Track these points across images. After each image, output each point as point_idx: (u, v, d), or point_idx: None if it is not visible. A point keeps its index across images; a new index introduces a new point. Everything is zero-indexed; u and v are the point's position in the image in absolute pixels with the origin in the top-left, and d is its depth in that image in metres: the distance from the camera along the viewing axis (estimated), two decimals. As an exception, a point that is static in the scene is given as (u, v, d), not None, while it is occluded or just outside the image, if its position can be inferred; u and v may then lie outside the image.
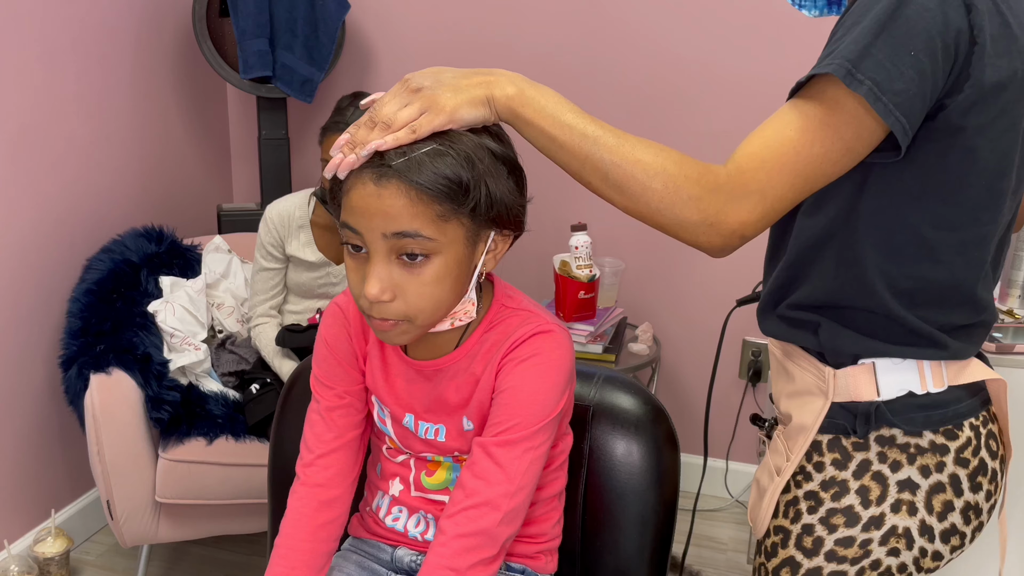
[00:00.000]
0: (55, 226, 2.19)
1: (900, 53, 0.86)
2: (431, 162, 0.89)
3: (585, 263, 2.24)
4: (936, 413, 1.02)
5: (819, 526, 1.05)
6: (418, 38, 2.63)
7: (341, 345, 1.11)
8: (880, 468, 1.03)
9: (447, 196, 0.90)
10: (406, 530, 1.16)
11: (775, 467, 1.11)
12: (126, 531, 1.98)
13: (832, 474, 1.05)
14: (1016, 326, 1.77)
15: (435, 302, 0.96)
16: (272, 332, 2.12)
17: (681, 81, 2.43)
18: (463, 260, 0.96)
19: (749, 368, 2.59)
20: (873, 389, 1.02)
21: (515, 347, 1.02)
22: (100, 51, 2.28)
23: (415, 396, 1.09)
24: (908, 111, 0.88)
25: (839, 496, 1.04)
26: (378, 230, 0.91)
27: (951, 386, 1.02)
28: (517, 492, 1.01)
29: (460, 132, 0.92)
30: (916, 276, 0.98)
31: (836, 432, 1.05)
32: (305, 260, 2.09)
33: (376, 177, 0.90)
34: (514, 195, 0.97)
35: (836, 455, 1.05)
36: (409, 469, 1.15)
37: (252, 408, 2.03)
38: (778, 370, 1.15)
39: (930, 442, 1.02)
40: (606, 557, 1.23)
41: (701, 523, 2.56)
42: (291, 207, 2.09)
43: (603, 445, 1.21)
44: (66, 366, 1.98)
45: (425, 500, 1.14)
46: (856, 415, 1.03)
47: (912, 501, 1.02)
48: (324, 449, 1.12)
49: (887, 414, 1.02)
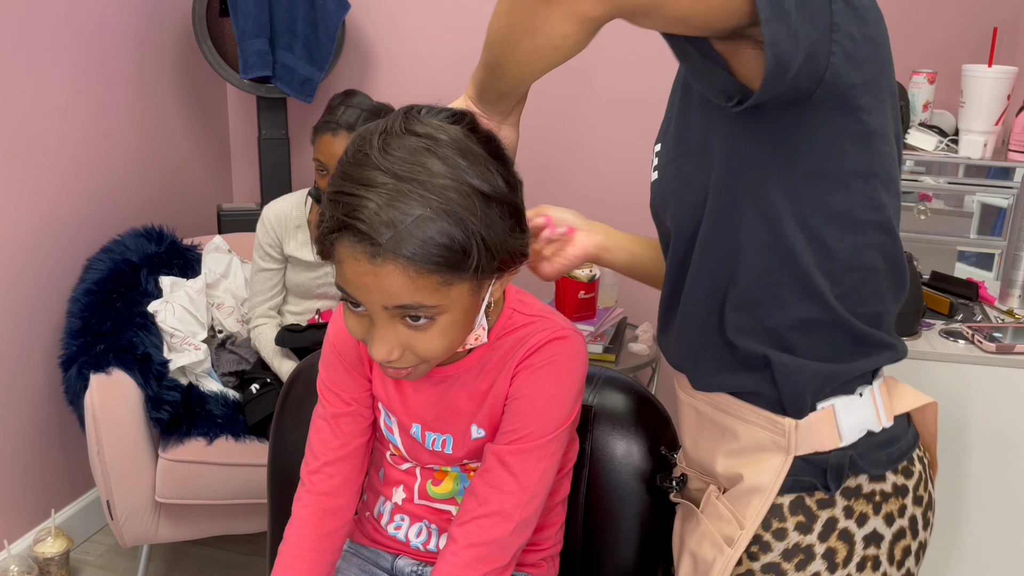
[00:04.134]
0: (55, 226, 2.19)
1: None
2: (421, 232, 0.82)
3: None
4: (894, 449, 0.96)
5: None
6: (418, 38, 2.63)
7: (348, 350, 1.09)
8: (847, 525, 0.95)
9: (446, 266, 0.84)
10: (407, 539, 1.15)
11: (723, 537, 0.97)
12: (126, 531, 1.98)
13: (796, 540, 0.94)
14: (1016, 326, 1.77)
15: (446, 348, 0.92)
16: (271, 332, 2.12)
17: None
18: (470, 308, 0.92)
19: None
20: (835, 435, 0.93)
21: (531, 354, 1.00)
22: (100, 51, 2.28)
23: (423, 404, 1.07)
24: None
25: (804, 564, 0.94)
26: (378, 303, 0.86)
27: (896, 415, 0.97)
28: (530, 501, 1.00)
29: (443, 179, 0.84)
30: (856, 267, 0.90)
31: (799, 490, 0.95)
32: (303, 260, 2.09)
33: (370, 256, 0.83)
34: (512, 235, 0.90)
35: (800, 518, 0.95)
36: (414, 477, 1.13)
37: (252, 408, 2.03)
38: (702, 427, 1.03)
39: (892, 485, 0.96)
40: (606, 558, 1.23)
41: (701, 523, 2.56)
42: (288, 207, 2.09)
43: (603, 446, 1.21)
44: (66, 366, 1.98)
45: (429, 509, 1.13)
46: (826, 469, 0.94)
47: (876, 555, 0.96)
48: (330, 456, 1.10)
49: (858, 462, 0.94)
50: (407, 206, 0.82)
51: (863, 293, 0.92)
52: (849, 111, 0.84)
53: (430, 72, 2.64)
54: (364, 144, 0.86)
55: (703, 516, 1.01)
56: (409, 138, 0.85)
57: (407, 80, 2.68)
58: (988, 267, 1.95)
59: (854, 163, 0.87)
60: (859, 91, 0.84)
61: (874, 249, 0.91)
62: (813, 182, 0.87)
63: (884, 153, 0.89)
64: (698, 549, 1.00)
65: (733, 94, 0.84)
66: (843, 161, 0.87)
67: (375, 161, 0.84)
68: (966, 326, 1.73)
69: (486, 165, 0.87)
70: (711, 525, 0.99)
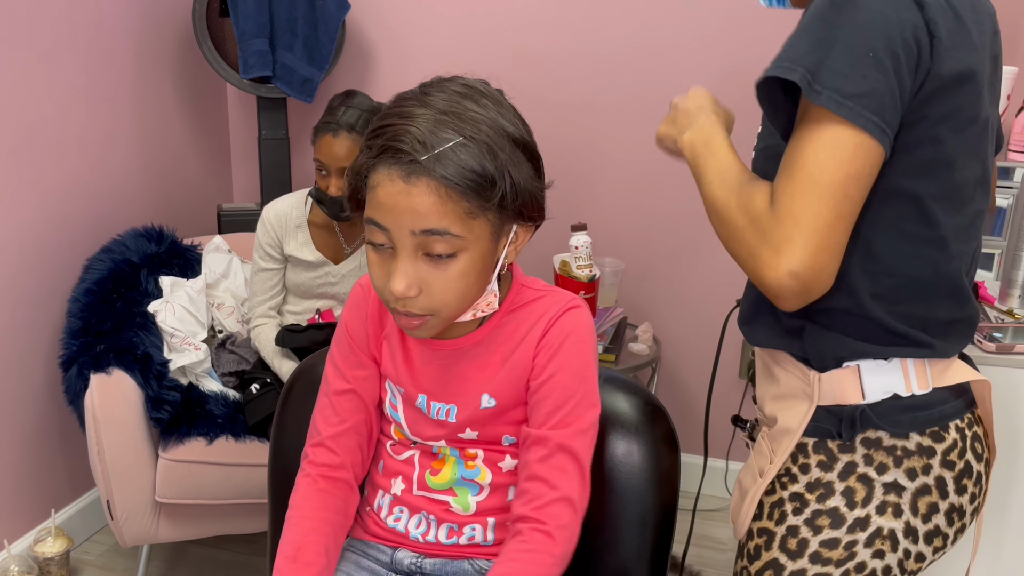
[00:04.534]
0: (55, 226, 2.19)
1: (860, 57, 0.88)
2: (457, 156, 0.89)
3: (585, 263, 2.24)
4: (922, 414, 1.02)
5: (804, 527, 1.05)
6: (418, 38, 2.63)
7: (356, 327, 1.13)
8: (866, 470, 1.02)
9: (475, 192, 0.91)
10: (407, 531, 1.16)
11: (759, 469, 1.11)
12: (126, 531, 1.98)
13: (818, 476, 1.04)
14: (1016, 326, 1.77)
15: (460, 296, 0.97)
16: (271, 333, 2.12)
17: (677, 77, 2.43)
18: (487, 255, 0.97)
19: (749, 368, 2.59)
20: (858, 392, 1.02)
21: (549, 328, 1.05)
22: (100, 51, 2.28)
23: (430, 376, 1.10)
24: (878, 108, 0.88)
25: (824, 498, 1.04)
26: (406, 227, 0.91)
27: (935, 388, 1.02)
28: (587, 484, 1.07)
29: (479, 117, 0.93)
30: (899, 273, 0.99)
31: (821, 435, 1.05)
32: (303, 260, 2.09)
33: (405, 174, 0.90)
34: (534, 181, 0.98)
35: (822, 457, 1.05)
36: (413, 467, 1.15)
37: (252, 408, 2.03)
38: (763, 373, 1.16)
39: (917, 444, 1.02)
40: (606, 557, 1.23)
41: (701, 523, 2.56)
42: (288, 207, 2.09)
43: (604, 445, 1.21)
44: (66, 366, 1.98)
45: (428, 500, 1.14)
46: (841, 419, 1.03)
47: (898, 503, 1.02)
48: (331, 432, 1.14)
49: (872, 417, 1.01)
50: (445, 133, 0.90)
51: (902, 296, 0.99)
52: (906, 148, 0.95)
53: (430, 72, 2.62)
54: (404, 95, 0.96)
55: (752, 452, 1.15)
56: (448, 86, 0.96)
57: (407, 80, 2.66)
58: (988, 267, 1.95)
59: (912, 184, 0.96)
60: (921, 127, 0.94)
61: (921, 260, 0.98)
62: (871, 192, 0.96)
63: (946, 177, 0.97)
64: (743, 478, 1.15)
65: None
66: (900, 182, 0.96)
67: (416, 100, 0.94)
68: (966, 326, 1.74)
69: (514, 116, 0.97)
70: (754, 459, 1.13)
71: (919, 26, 0.90)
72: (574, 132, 2.57)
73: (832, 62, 0.88)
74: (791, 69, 0.90)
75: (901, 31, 0.89)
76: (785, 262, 0.90)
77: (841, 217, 0.90)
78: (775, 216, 0.91)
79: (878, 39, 0.88)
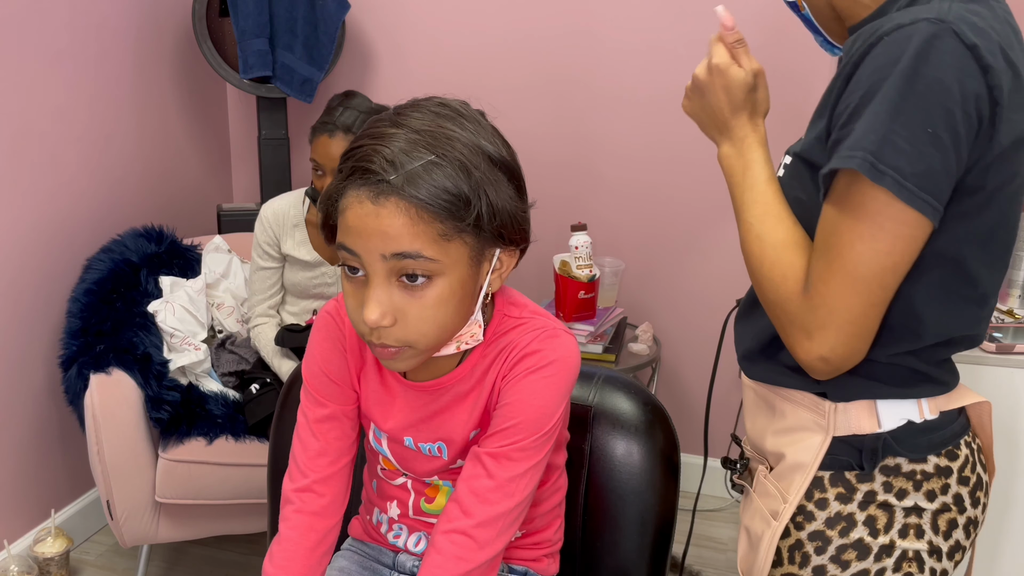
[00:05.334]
0: (55, 226, 2.19)
1: (918, 133, 0.84)
2: (428, 175, 0.85)
3: (585, 263, 2.24)
4: (937, 435, 1.00)
5: (831, 565, 1.01)
6: (418, 38, 2.63)
7: (334, 361, 1.06)
8: (886, 497, 1.00)
9: (448, 212, 0.85)
10: (407, 547, 1.15)
11: (769, 511, 1.05)
12: (126, 531, 1.98)
13: (837, 509, 1.01)
14: (1016, 326, 1.77)
15: (438, 326, 0.91)
16: (271, 332, 2.12)
17: (677, 78, 2.43)
18: (467, 281, 0.91)
19: (749, 368, 2.59)
20: (875, 421, 0.99)
21: (522, 359, 0.98)
22: (100, 51, 2.28)
23: (415, 418, 1.05)
24: (934, 189, 0.86)
25: (847, 531, 1.00)
26: (377, 251, 0.86)
27: (943, 411, 1.01)
28: (514, 509, 0.98)
29: (455, 136, 0.88)
30: (941, 333, 0.96)
31: (838, 468, 1.01)
32: (300, 259, 2.09)
33: (373, 195, 0.85)
34: (515, 202, 0.92)
35: (840, 489, 1.01)
36: (408, 493, 1.12)
37: (252, 408, 2.03)
38: (760, 406, 1.10)
39: (935, 466, 1.00)
40: (606, 557, 1.23)
41: (701, 523, 2.56)
42: (286, 206, 2.09)
43: (603, 446, 1.21)
44: (66, 366, 1.98)
45: (426, 524, 1.13)
46: (862, 450, 0.99)
47: (919, 524, 1.00)
48: (318, 475, 1.07)
49: (893, 444, 0.99)
50: (416, 152, 0.86)
51: (938, 348, 0.98)
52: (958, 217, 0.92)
53: (430, 72, 2.64)
54: (378, 118, 0.91)
55: (754, 494, 1.09)
56: (424, 105, 0.91)
57: (407, 80, 2.68)
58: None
59: (959, 250, 0.93)
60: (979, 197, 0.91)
61: (964, 319, 0.97)
62: None
63: (994, 239, 0.95)
64: (751, 524, 1.08)
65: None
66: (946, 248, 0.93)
67: (389, 121, 0.89)
68: (966, 326, 1.73)
69: (493, 135, 0.92)
70: (761, 502, 1.07)
71: (982, 96, 0.86)
72: (574, 132, 2.57)
73: (894, 137, 0.85)
74: (851, 157, 0.87)
75: (963, 102, 0.85)
76: (816, 347, 0.92)
77: (874, 306, 0.91)
78: (809, 302, 0.92)
79: (938, 112, 0.84)
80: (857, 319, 0.90)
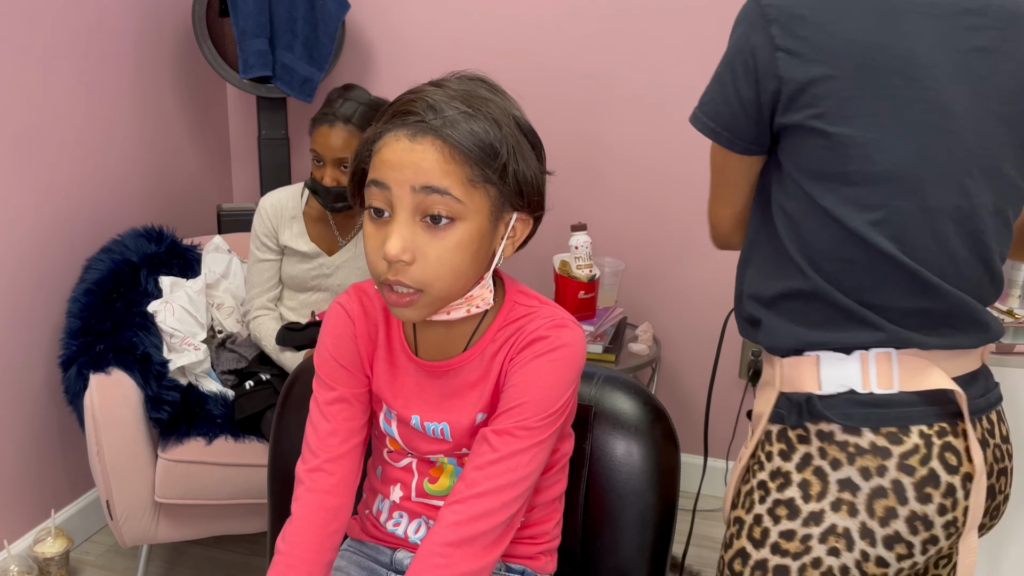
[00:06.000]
0: (55, 226, 2.19)
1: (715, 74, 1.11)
2: (464, 123, 0.92)
3: (585, 263, 2.24)
4: (876, 411, 1.01)
5: (766, 516, 1.07)
6: (418, 38, 2.63)
7: (344, 347, 1.10)
8: (821, 463, 1.03)
9: (478, 158, 0.92)
10: (407, 535, 1.15)
11: (740, 455, 1.16)
12: (126, 531, 1.98)
13: (778, 464, 1.07)
14: (1016, 326, 1.77)
15: (454, 271, 0.95)
16: (271, 324, 2.12)
17: (678, 78, 2.43)
18: (485, 234, 0.96)
19: (749, 368, 2.58)
20: (815, 382, 1.04)
21: (530, 343, 1.02)
22: (100, 51, 2.28)
23: (424, 397, 1.08)
24: (715, 114, 1.10)
25: (783, 487, 1.06)
26: (407, 183, 0.92)
27: (903, 391, 1.01)
28: (518, 483, 1.00)
29: (489, 99, 0.96)
30: (834, 257, 1.02)
31: (781, 422, 1.08)
32: (298, 250, 2.10)
33: (411, 134, 0.92)
34: (537, 169, 1.00)
35: (783, 446, 1.08)
36: (412, 474, 1.14)
37: (241, 404, 2.02)
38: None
39: (870, 443, 1.01)
40: (606, 557, 1.23)
41: (701, 523, 2.56)
42: (284, 198, 2.11)
43: (603, 445, 1.21)
44: (66, 366, 1.98)
45: (427, 506, 1.14)
46: (799, 406, 1.05)
47: (852, 502, 1.01)
48: (329, 455, 1.09)
49: (819, 407, 1.03)
50: (455, 103, 0.94)
51: (847, 277, 1.03)
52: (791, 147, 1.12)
53: (430, 72, 2.63)
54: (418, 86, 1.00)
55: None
56: (462, 75, 1.02)
57: (407, 80, 2.67)
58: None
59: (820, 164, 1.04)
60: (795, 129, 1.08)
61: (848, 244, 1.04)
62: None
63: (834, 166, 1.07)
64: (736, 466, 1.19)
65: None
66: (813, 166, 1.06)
67: (430, 83, 0.99)
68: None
69: (520, 111, 1.01)
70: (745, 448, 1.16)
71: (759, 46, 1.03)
72: (574, 132, 2.57)
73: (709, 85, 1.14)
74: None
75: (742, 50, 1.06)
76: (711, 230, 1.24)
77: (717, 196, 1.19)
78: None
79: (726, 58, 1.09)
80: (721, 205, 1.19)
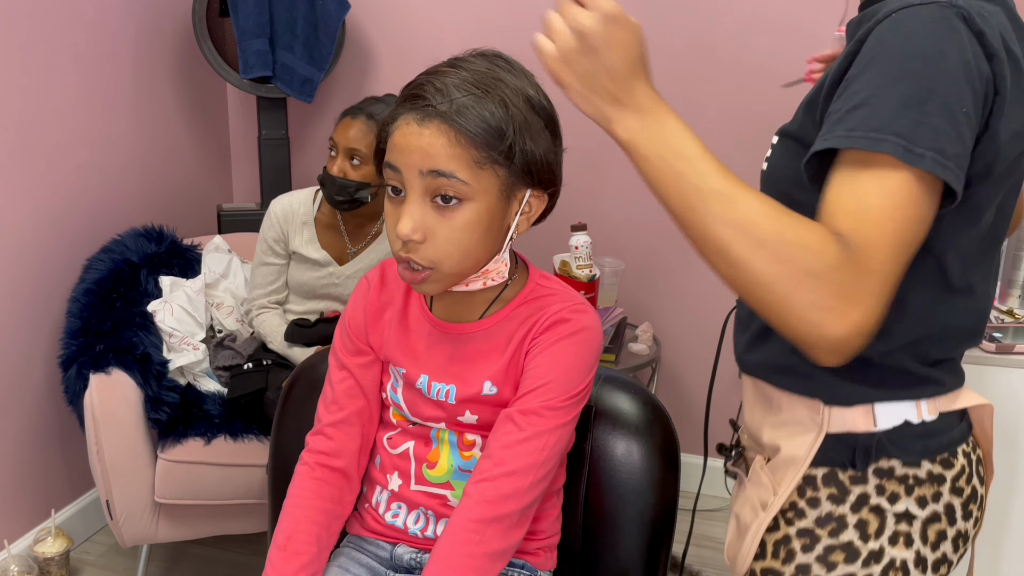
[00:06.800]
0: (55, 226, 2.19)
1: (955, 113, 0.80)
2: (471, 107, 0.95)
3: (585, 263, 2.24)
4: (932, 441, 0.99)
5: (816, 564, 0.99)
6: (418, 38, 2.63)
7: (356, 316, 1.16)
8: (878, 501, 0.98)
9: (484, 141, 0.95)
10: (406, 527, 1.16)
11: (760, 501, 1.04)
12: (126, 531, 1.98)
13: (829, 509, 0.99)
14: (1016, 326, 1.77)
15: (463, 250, 0.99)
16: (276, 319, 2.11)
17: (678, 77, 2.43)
18: (495, 212, 1.00)
19: (749, 368, 2.59)
20: (870, 420, 0.97)
21: (552, 325, 1.06)
22: (100, 51, 2.28)
23: (434, 357, 1.11)
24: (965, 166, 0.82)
25: (837, 532, 0.99)
26: (416, 167, 0.96)
27: (943, 412, 0.99)
28: (543, 464, 1.04)
29: (502, 79, 0.98)
30: (932, 323, 0.94)
31: (831, 465, 0.99)
32: (308, 257, 2.08)
33: (420, 118, 0.96)
34: (548, 148, 1.02)
35: (832, 490, 0.99)
36: (409, 461, 1.15)
37: (235, 383, 2.02)
38: (759, 398, 1.08)
39: (928, 472, 0.99)
40: (606, 557, 1.23)
41: (701, 523, 2.56)
42: (296, 203, 2.09)
43: (604, 445, 1.21)
44: (66, 366, 1.98)
45: (425, 495, 1.15)
46: (855, 448, 0.98)
47: (908, 532, 0.99)
48: (328, 420, 1.16)
49: (888, 445, 0.97)
50: (465, 87, 0.97)
51: (932, 343, 0.96)
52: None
53: (430, 72, 2.64)
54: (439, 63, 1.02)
55: (748, 483, 1.08)
56: (483, 53, 1.03)
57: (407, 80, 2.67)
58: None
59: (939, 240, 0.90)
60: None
61: (956, 310, 0.96)
62: None
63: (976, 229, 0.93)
64: (741, 512, 1.08)
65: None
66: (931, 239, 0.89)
67: (447, 63, 1.01)
68: (966, 326, 1.73)
69: (538, 89, 1.03)
70: (753, 492, 1.06)
71: (990, 80, 0.83)
72: (574, 132, 2.56)
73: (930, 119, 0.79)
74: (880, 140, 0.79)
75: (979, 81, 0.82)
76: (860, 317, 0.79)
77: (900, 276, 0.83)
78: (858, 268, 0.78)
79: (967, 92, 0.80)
80: (894, 288, 0.81)
